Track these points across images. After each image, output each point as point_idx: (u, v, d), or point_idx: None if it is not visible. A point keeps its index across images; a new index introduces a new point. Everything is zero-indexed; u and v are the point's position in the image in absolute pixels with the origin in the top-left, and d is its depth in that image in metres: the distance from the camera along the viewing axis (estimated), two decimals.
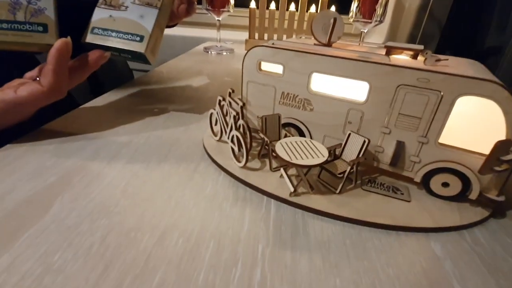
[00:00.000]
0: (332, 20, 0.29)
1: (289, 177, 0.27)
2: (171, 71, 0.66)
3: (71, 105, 0.43)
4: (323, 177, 0.28)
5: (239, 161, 0.30)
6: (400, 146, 0.27)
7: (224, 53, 0.88)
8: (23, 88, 0.30)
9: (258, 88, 0.33)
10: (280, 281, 0.19)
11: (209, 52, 0.88)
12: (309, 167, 0.25)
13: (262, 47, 0.30)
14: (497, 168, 0.23)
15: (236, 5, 0.85)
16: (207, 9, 0.79)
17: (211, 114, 0.34)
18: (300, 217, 0.25)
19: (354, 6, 0.76)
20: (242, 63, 0.32)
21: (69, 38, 0.31)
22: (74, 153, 0.31)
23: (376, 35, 1.05)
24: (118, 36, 0.35)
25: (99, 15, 0.36)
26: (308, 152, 0.26)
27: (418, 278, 0.20)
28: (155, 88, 0.54)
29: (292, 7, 0.86)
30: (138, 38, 0.36)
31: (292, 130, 0.33)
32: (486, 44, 0.85)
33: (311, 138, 0.32)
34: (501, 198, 0.25)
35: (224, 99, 0.33)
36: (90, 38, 0.35)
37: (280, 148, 0.26)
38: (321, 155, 0.25)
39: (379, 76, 0.26)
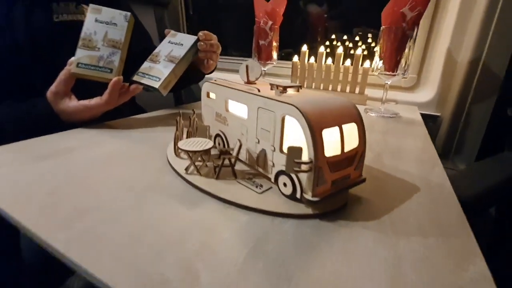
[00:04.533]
0: (245, 67, 0.43)
1: (192, 163, 0.40)
2: None
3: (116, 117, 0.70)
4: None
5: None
6: (263, 153, 0.37)
7: None
8: (92, 100, 0.57)
9: (207, 109, 0.49)
10: None
11: None
12: (189, 151, 0.38)
13: (208, 83, 0.47)
14: (297, 169, 0.30)
15: (280, 58, 1.05)
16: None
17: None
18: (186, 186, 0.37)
19: (376, 59, 0.82)
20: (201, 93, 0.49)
21: (121, 77, 0.57)
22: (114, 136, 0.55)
23: (429, 87, 1.02)
24: (148, 77, 0.59)
25: (145, 65, 0.62)
26: (199, 146, 0.39)
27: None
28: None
29: (329, 61, 0.98)
30: (157, 79, 0.59)
31: (219, 139, 0.46)
32: None
33: (228, 145, 0.44)
34: (314, 199, 0.31)
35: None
36: (135, 77, 0.61)
37: (183, 143, 0.40)
38: (202, 148, 0.38)
39: (250, 101, 0.38)
